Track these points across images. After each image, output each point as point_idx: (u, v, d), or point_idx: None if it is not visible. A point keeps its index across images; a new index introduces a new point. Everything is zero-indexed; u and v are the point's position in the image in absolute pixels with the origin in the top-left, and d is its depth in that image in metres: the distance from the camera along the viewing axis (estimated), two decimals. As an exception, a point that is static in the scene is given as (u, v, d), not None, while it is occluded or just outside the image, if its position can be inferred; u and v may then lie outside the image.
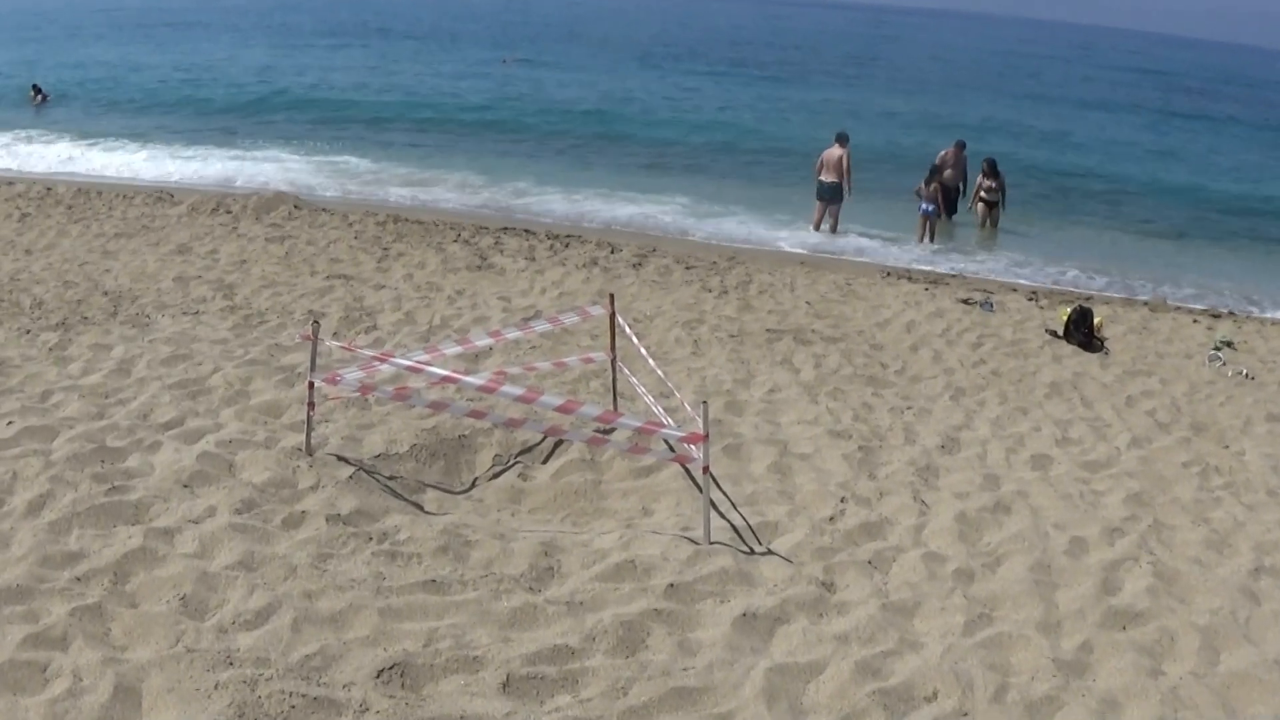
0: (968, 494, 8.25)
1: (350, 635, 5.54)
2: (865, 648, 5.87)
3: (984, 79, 65.00)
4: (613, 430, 8.60)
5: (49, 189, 19.88)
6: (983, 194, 21.82)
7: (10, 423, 8.06)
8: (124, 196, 19.37)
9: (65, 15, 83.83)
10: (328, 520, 6.84)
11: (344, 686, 5.08)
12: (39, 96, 35.10)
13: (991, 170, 21.74)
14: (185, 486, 7.16)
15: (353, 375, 7.90)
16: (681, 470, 8.08)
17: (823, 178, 20.32)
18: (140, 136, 28.79)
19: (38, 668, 5.08)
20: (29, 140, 27.77)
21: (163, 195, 19.76)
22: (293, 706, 4.87)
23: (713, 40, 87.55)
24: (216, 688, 4.94)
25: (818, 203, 20.53)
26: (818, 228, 20.51)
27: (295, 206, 18.91)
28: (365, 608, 5.78)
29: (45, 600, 5.64)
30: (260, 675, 5.06)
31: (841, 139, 20.41)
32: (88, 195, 19.37)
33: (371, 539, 6.68)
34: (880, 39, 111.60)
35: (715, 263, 16.62)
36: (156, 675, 5.04)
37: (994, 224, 21.61)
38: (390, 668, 5.22)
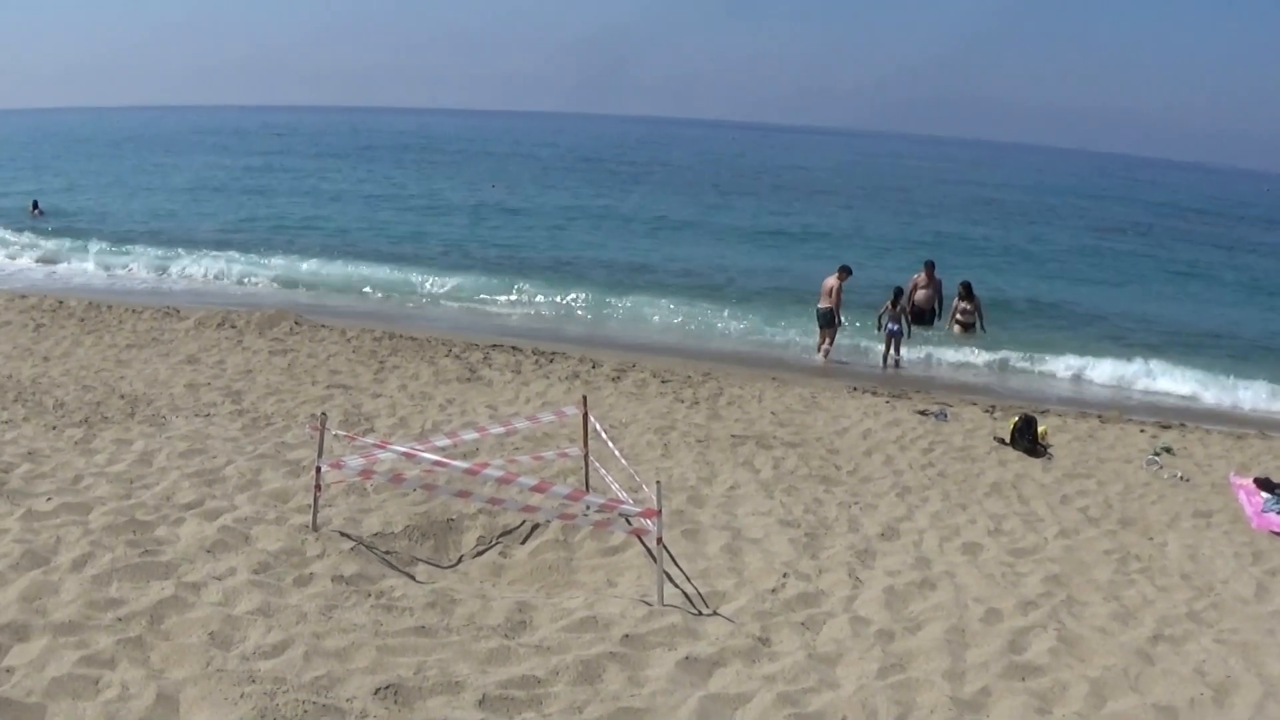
0: (899, 572, 9.44)
1: (353, 665, 6.71)
2: (789, 685, 7.02)
3: (950, 201, 67.62)
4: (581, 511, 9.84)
5: (60, 302, 21.43)
6: (959, 316, 23.29)
7: (49, 499, 9.32)
8: (133, 310, 20.86)
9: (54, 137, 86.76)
10: (333, 580, 8.07)
11: (347, 700, 6.24)
12: (35, 210, 37.56)
13: (967, 292, 23.26)
14: (208, 551, 8.40)
15: (355, 462, 9.18)
16: (644, 550, 9.28)
17: (819, 304, 21.86)
18: (141, 253, 30.59)
19: (90, 680, 6.24)
20: (26, 253, 29.64)
21: (170, 310, 21.25)
22: (305, 711, 6.02)
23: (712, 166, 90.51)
24: (242, 697, 6.11)
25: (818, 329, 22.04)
26: (818, 350, 21.90)
27: (296, 323, 20.34)
28: (365, 645, 6.96)
29: (93, 633, 6.81)
30: (278, 689, 6.23)
31: (841, 269, 21.98)
32: (98, 309, 20.87)
33: (370, 595, 7.90)
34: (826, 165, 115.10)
35: (690, 377, 18.00)
36: (191, 688, 6.21)
37: (967, 342, 22.99)
38: (386, 687, 6.39)
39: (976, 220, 55.69)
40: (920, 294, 23.71)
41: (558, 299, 26.08)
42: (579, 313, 24.86)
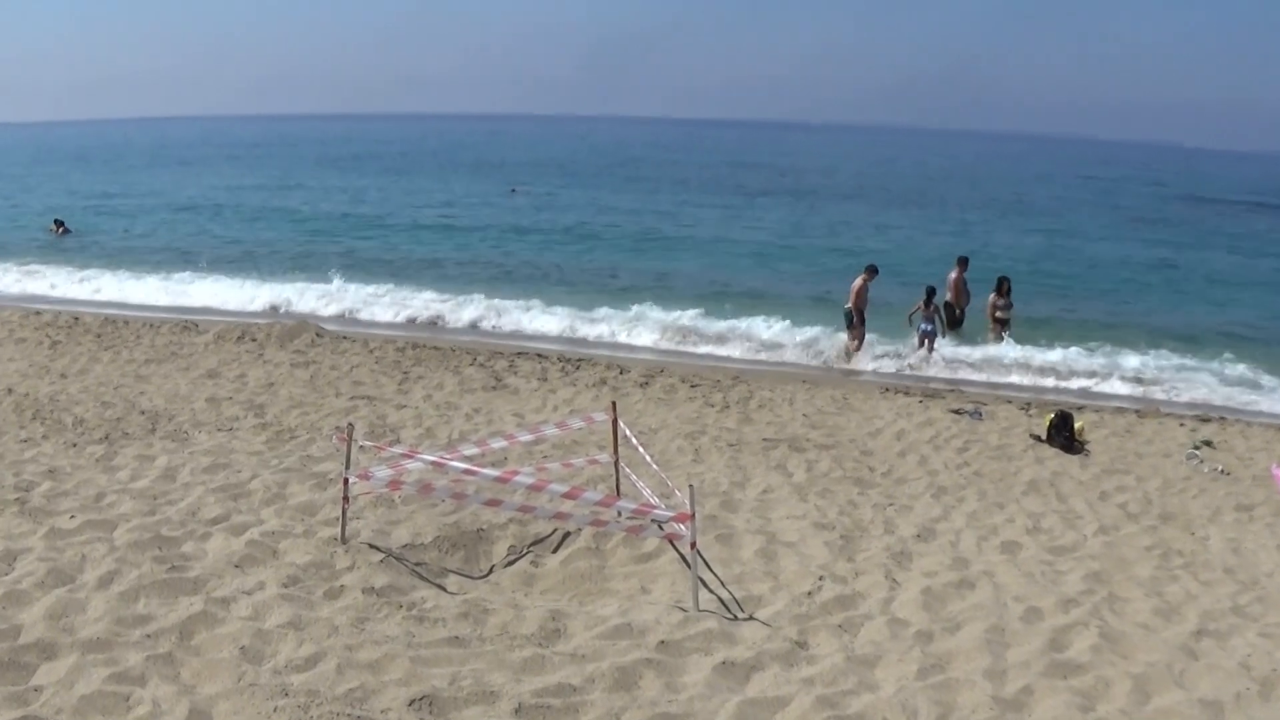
0: (936, 573, 9.44)
1: (386, 677, 6.77)
2: (827, 687, 7.05)
3: (974, 192, 67.46)
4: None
5: (76, 318, 21.69)
6: (996, 313, 23.21)
7: (72, 517, 9.46)
8: (150, 326, 21.09)
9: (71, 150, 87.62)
10: (363, 592, 8.15)
11: (382, 711, 6.31)
12: (60, 229, 37.59)
13: (1005, 289, 23.18)
14: (236, 566, 8.49)
15: (383, 473, 9.26)
16: (677, 556, 9.32)
17: (846, 304, 21.88)
18: (159, 267, 30.92)
19: (120, 698, 6.32)
20: (50, 271, 29.85)
21: (188, 325, 21.47)
22: (340, 723, 6.09)
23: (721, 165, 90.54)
24: (275, 710, 6.19)
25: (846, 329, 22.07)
26: (847, 351, 21.90)
27: (318, 334, 20.49)
28: (398, 657, 7.02)
29: (122, 650, 6.90)
30: (311, 702, 6.31)
31: (868, 268, 22.02)
32: (115, 324, 21.11)
33: (402, 607, 7.98)
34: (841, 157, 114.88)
35: (719, 381, 18.04)
36: (224, 703, 6.29)
37: (1002, 340, 22.90)
38: (421, 698, 6.45)
39: (1005, 213, 55.54)
40: (949, 294, 23.67)
41: (580, 309, 26.11)
42: (604, 321, 24.89)
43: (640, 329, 23.72)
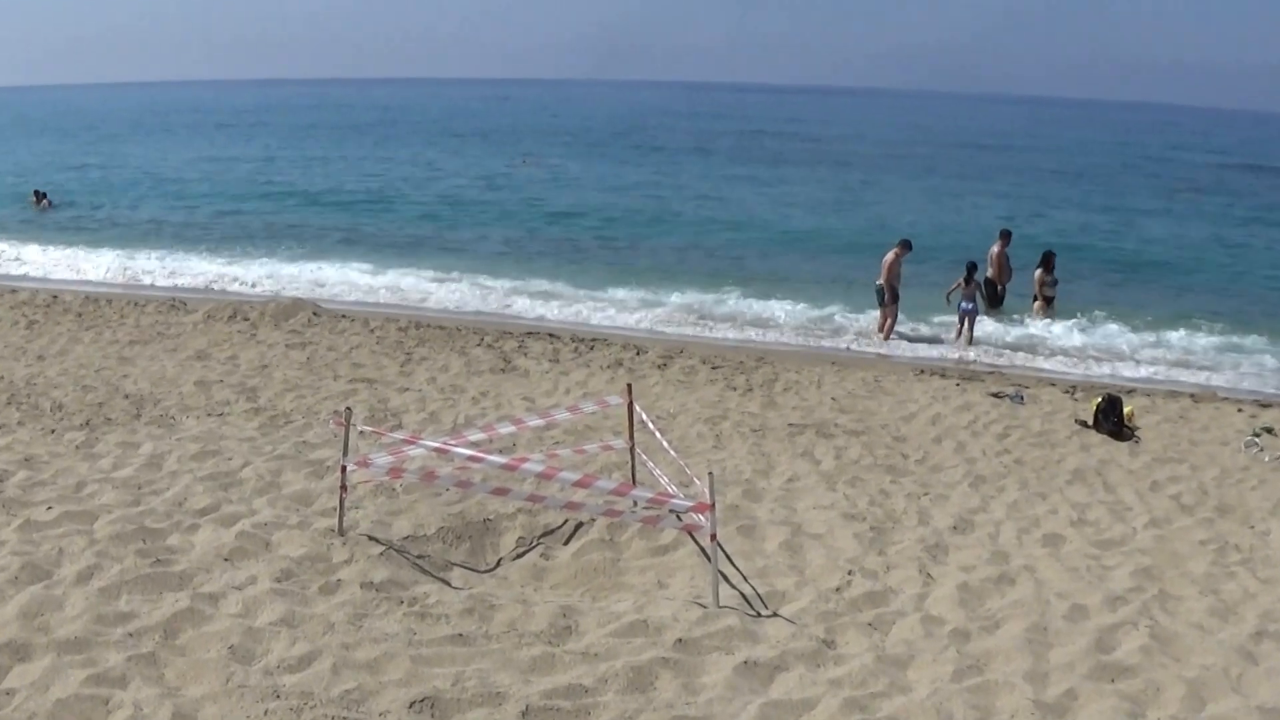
0: (974, 567, 9.40)
1: (385, 677, 6.78)
2: (856, 689, 7.02)
3: (1016, 161, 67.06)
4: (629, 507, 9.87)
5: (55, 296, 21.80)
6: (1045, 290, 23.09)
7: (50, 508, 9.46)
8: (135, 304, 21.17)
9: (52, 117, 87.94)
10: (362, 587, 8.17)
11: (380, 714, 6.32)
12: (43, 201, 37.56)
13: (1050, 264, 23.07)
14: (226, 560, 8.51)
15: (383, 460, 9.26)
16: (696, 549, 9.31)
17: (877, 281, 21.82)
18: (146, 242, 31.03)
19: (100, 701, 6.33)
20: (29, 246, 29.87)
21: (175, 303, 21.57)
22: (335, 727, 6.09)
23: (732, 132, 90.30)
24: (266, 714, 6.20)
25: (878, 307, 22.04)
26: (879, 330, 21.86)
27: (314, 313, 20.52)
28: (398, 656, 7.03)
29: (102, 650, 6.90)
30: (305, 705, 6.31)
31: (901, 242, 21.98)
32: (96, 303, 21.19)
33: (403, 602, 7.98)
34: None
35: (742, 363, 18.01)
36: (210, 705, 6.30)
37: (1047, 319, 22.81)
38: (422, 700, 6.45)
39: (1049, 183, 55.26)
40: (990, 271, 23.56)
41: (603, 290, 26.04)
42: (619, 302, 24.81)
43: (654, 309, 23.68)
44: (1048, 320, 22.73)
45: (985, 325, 22.11)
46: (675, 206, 42.45)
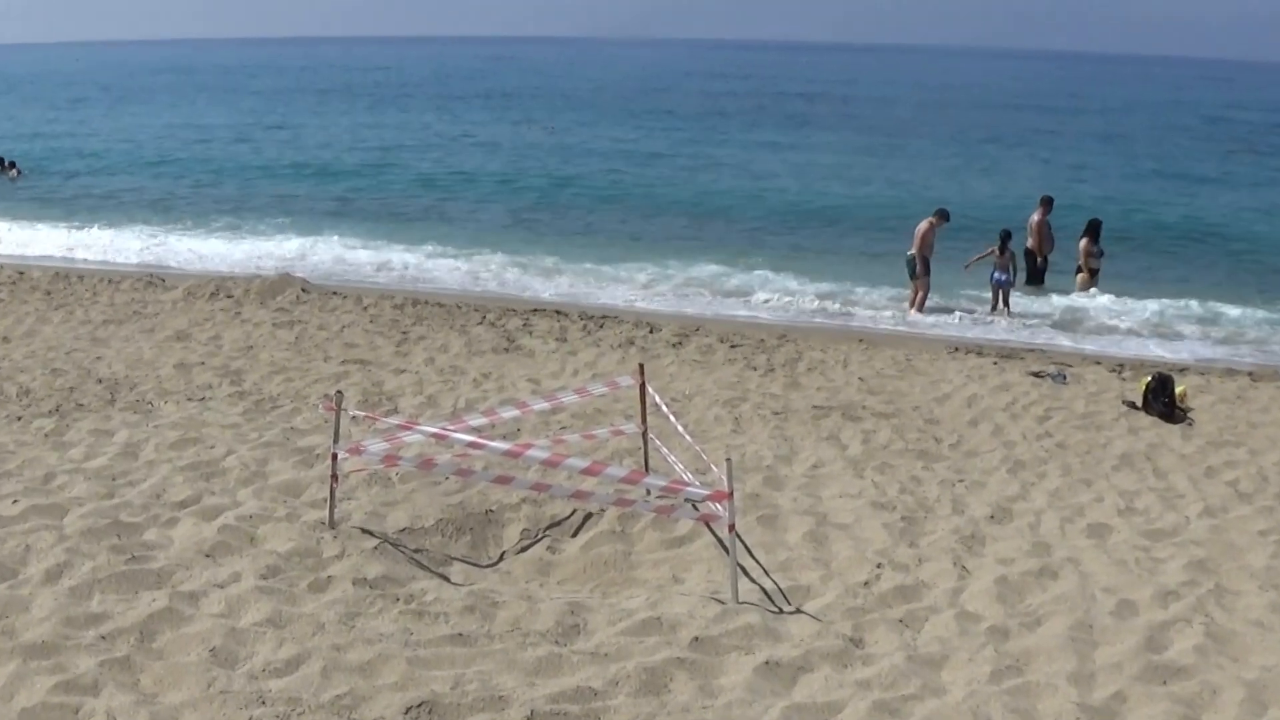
0: (1013, 560, 9.35)
1: (379, 681, 6.75)
2: (886, 692, 6.98)
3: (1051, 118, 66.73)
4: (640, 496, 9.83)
5: (21, 273, 21.78)
6: (1089, 262, 22.95)
7: (15, 501, 9.42)
8: (109, 281, 21.18)
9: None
10: (354, 584, 8.14)
11: (374, 720, 6.29)
12: (12, 170, 37.60)
13: (1096, 234, 22.92)
14: (207, 556, 8.49)
15: (377, 446, 9.23)
16: (714, 540, 9.27)
17: (908, 252, 21.74)
18: (122, 214, 31.09)
19: (70, 710, 6.30)
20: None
21: (153, 279, 21.59)
22: (326, 735, 6.07)
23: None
24: (251, 720, 6.17)
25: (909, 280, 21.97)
26: (909, 305, 21.81)
27: (303, 290, 20.52)
28: (394, 657, 7.00)
29: (72, 655, 6.87)
30: (292, 711, 6.30)
31: (938, 212, 21.91)
32: (67, 279, 21.20)
33: (399, 600, 7.96)
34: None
35: (763, 340, 17.95)
36: (190, 713, 6.29)
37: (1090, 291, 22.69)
38: (419, 705, 6.43)
39: (1093, 146, 54.98)
40: (1030, 241, 23.45)
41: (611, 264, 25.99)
42: (632, 278, 24.75)
43: (669, 283, 23.66)
44: (1092, 293, 22.61)
45: (1023, 299, 22.02)
46: (691, 174, 42.40)
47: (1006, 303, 21.51)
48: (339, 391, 9.45)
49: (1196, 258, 27.97)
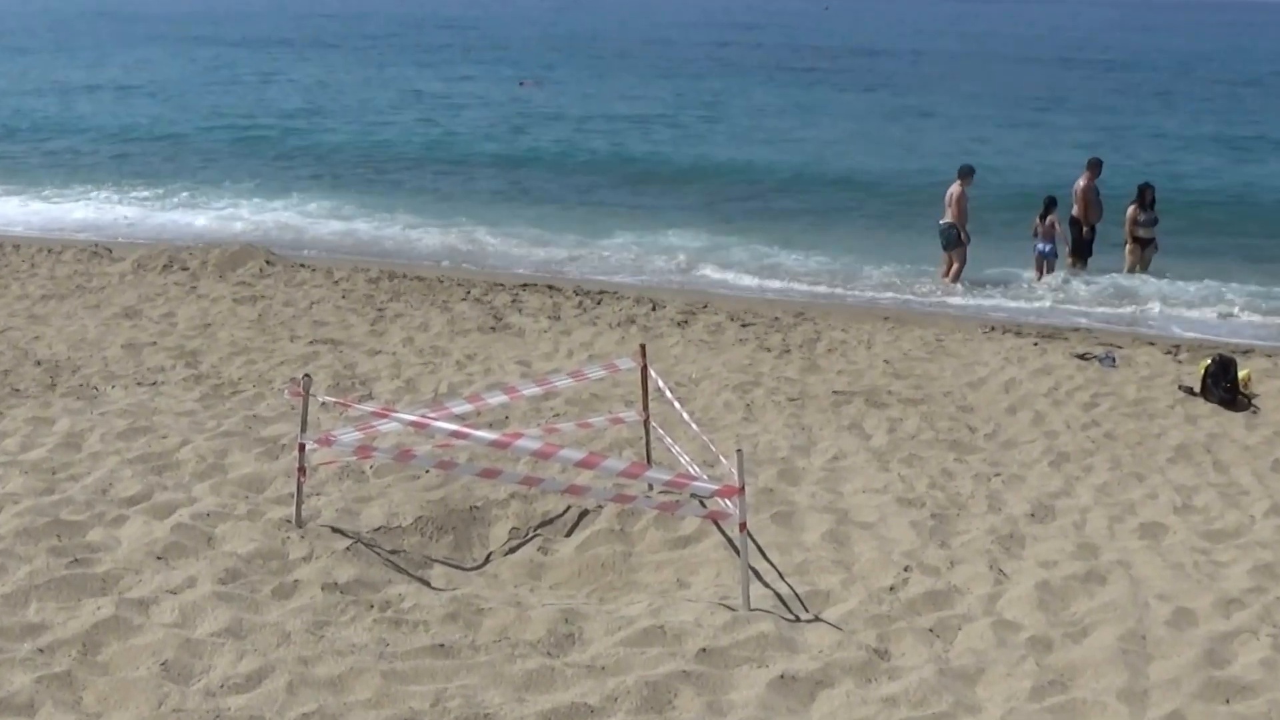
0: (1056, 563, 9.32)
1: (351, 697, 6.72)
2: (915, 709, 6.96)
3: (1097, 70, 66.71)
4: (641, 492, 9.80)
5: (-53, 245, 21.65)
6: (1139, 230, 22.85)
7: (-59, 498, 9.38)
8: (50, 252, 21.17)
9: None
10: (323, 589, 8.09)
11: (346, 741, 6.26)
12: None
13: (1148, 201, 22.83)
14: (159, 559, 8.43)
15: (349, 436, 9.19)
16: (723, 540, 9.25)
17: (940, 220, 21.71)
18: (63, 176, 31.15)
19: (5, 733, 6.29)
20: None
21: (98, 250, 21.59)
22: (292, 756, 6.05)
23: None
24: (208, 742, 6.14)
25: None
26: (945, 277, 21.80)
27: (267, 262, 20.48)
28: (367, 671, 6.97)
29: (5, 671, 6.76)
30: (255, 730, 6.26)
31: (962, 172, 21.82)
32: (1, 250, 21.18)
33: (373, 607, 7.92)
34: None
35: (777, 319, 17.94)
36: (139, 734, 6.25)
37: (1145, 266, 22.61)
38: (395, 724, 6.40)
39: (1144, 102, 54.84)
40: (1075, 208, 23.36)
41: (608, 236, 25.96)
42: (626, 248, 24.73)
43: (673, 256, 23.66)
44: (1145, 267, 22.56)
45: (1069, 273, 22.00)
46: (698, 135, 42.37)
47: (1051, 274, 21.48)
48: (307, 375, 9.39)
49: (1261, 229, 27.87)
